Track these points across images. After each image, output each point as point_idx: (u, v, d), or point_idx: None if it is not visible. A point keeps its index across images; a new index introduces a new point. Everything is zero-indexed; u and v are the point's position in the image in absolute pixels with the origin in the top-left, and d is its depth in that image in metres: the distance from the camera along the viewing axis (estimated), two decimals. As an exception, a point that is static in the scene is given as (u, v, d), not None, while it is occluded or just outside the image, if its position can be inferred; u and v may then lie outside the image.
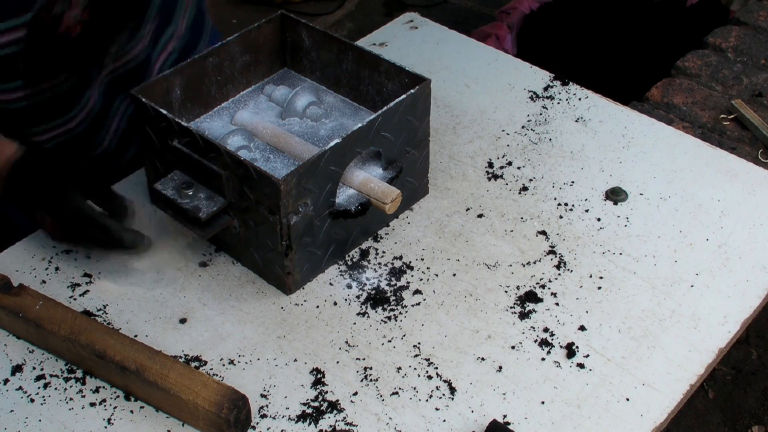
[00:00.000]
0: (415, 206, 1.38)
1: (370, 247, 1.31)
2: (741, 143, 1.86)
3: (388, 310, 1.22)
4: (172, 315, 1.22)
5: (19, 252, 1.31)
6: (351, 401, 1.12)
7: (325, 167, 1.18)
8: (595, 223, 1.34)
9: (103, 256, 1.28)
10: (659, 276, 1.26)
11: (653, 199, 1.38)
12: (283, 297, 1.24)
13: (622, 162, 1.44)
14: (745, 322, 1.21)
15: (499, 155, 1.46)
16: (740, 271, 1.27)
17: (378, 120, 1.23)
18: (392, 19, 1.79)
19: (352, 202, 1.27)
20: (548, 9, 2.83)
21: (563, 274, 1.27)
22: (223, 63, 1.37)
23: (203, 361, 1.16)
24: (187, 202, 1.19)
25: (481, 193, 1.40)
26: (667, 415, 1.10)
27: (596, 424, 1.09)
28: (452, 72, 1.64)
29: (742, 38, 2.13)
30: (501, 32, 2.68)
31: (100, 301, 1.24)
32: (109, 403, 1.12)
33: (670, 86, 2.02)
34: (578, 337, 1.18)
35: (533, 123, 1.52)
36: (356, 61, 1.38)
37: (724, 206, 1.37)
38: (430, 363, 1.16)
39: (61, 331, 1.13)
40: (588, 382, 1.13)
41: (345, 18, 3.81)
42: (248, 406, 1.08)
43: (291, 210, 1.16)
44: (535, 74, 1.63)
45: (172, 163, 1.24)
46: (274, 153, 1.34)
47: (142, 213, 1.33)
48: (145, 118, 1.25)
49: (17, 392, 1.13)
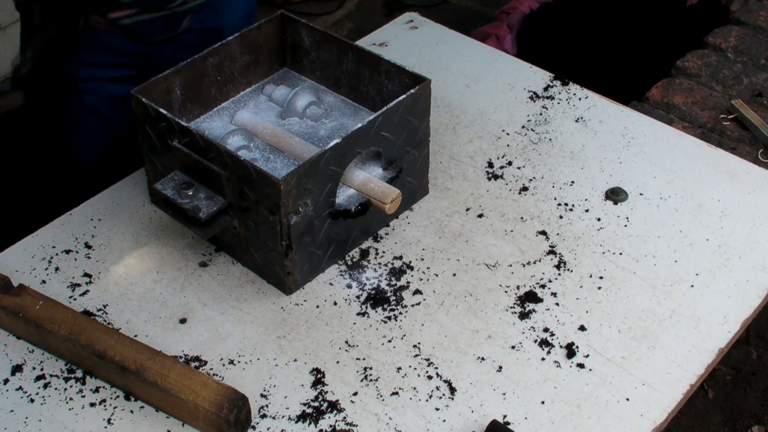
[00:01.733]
0: (415, 206, 1.38)
1: (370, 247, 1.31)
2: (741, 143, 1.86)
3: (388, 310, 1.22)
4: (172, 315, 1.22)
5: (19, 252, 1.31)
6: (351, 401, 1.11)
7: (325, 167, 1.18)
8: (595, 223, 1.34)
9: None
10: (659, 276, 1.26)
11: (653, 199, 1.38)
12: (283, 297, 1.24)
13: (622, 162, 1.44)
14: (745, 322, 1.21)
15: (499, 155, 1.46)
16: (740, 271, 1.27)
17: (378, 120, 1.23)
18: (392, 19, 1.79)
19: (352, 202, 1.27)
20: (548, 9, 2.83)
21: (563, 274, 1.27)
22: (223, 63, 1.37)
23: (203, 361, 1.16)
24: (187, 202, 1.19)
25: (481, 193, 1.40)
26: (667, 415, 1.10)
27: (596, 424, 1.09)
28: (452, 72, 1.64)
29: (742, 38, 2.13)
30: (501, 32, 2.68)
31: (100, 301, 1.24)
32: (109, 403, 1.12)
33: (670, 86, 2.02)
34: (578, 337, 1.18)
35: (533, 123, 1.52)
36: (356, 61, 1.38)
37: (724, 206, 1.37)
38: (430, 363, 1.16)
39: (61, 331, 1.13)
40: (588, 382, 1.13)
41: (345, 18, 3.81)
42: (248, 406, 1.08)
43: (291, 210, 1.16)
44: (535, 74, 1.63)
45: (172, 163, 1.24)
46: (274, 153, 1.34)
47: (142, 213, 1.33)
48: (145, 118, 1.25)
49: (17, 392, 1.13)
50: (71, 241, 1.32)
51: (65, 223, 1.35)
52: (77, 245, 1.32)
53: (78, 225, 1.35)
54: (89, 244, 1.32)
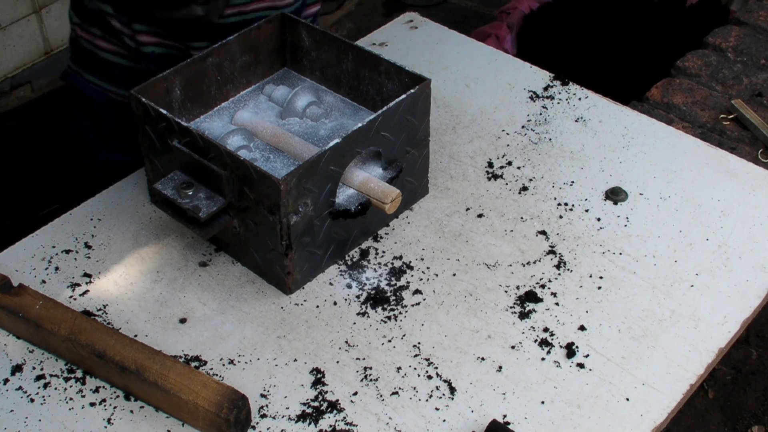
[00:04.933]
0: (415, 206, 1.38)
1: (370, 247, 1.31)
2: (741, 143, 1.86)
3: (388, 310, 1.22)
4: (172, 315, 1.22)
5: (19, 252, 1.31)
6: (351, 401, 1.12)
7: (325, 167, 1.18)
8: (595, 223, 1.34)
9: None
10: (659, 276, 1.26)
11: (653, 199, 1.38)
12: (283, 297, 1.24)
13: (622, 162, 1.44)
14: (745, 322, 1.21)
15: (499, 155, 1.46)
16: (740, 271, 1.27)
17: (378, 120, 1.23)
18: (392, 19, 1.79)
19: (352, 202, 1.27)
20: (548, 9, 2.83)
21: (563, 274, 1.27)
22: (223, 63, 1.37)
23: (203, 361, 1.16)
24: (187, 202, 1.19)
25: (481, 193, 1.40)
26: (667, 415, 1.10)
27: (596, 424, 1.09)
28: (452, 72, 1.64)
29: (742, 38, 2.13)
30: (501, 32, 2.68)
31: (100, 301, 1.24)
32: (109, 403, 1.12)
33: (670, 86, 2.02)
34: (578, 337, 1.18)
35: (533, 123, 1.52)
36: (356, 61, 1.38)
37: (724, 206, 1.37)
38: (430, 363, 1.16)
39: (61, 331, 1.13)
40: (588, 382, 1.13)
41: (345, 18, 3.81)
42: (248, 406, 1.08)
43: (291, 210, 1.16)
44: (535, 74, 1.63)
45: (172, 163, 1.24)
46: (274, 153, 1.34)
47: (142, 213, 1.33)
48: (145, 118, 1.25)
49: (17, 392, 1.13)
50: (71, 241, 1.32)
51: (65, 223, 1.35)
52: (77, 245, 1.32)
53: (78, 225, 1.35)
54: (89, 244, 1.32)
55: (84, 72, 1.57)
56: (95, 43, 1.53)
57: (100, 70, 1.55)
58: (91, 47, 1.54)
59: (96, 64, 1.55)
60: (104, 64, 1.54)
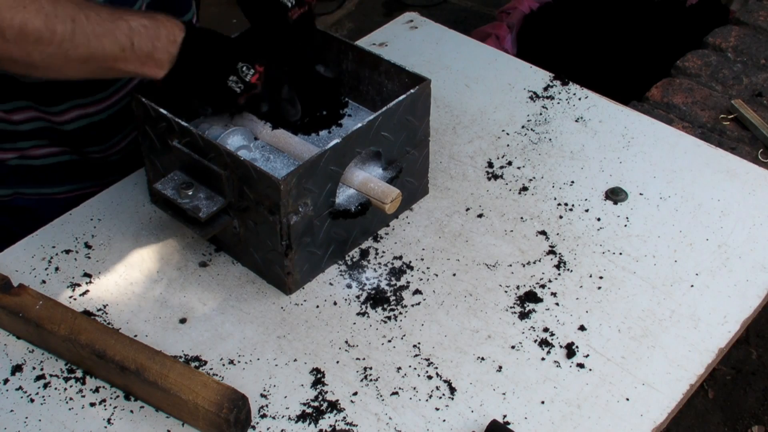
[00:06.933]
0: (415, 206, 1.38)
1: (370, 247, 1.31)
2: (741, 143, 1.86)
3: (388, 310, 1.22)
4: (172, 315, 1.22)
5: (19, 252, 1.31)
6: (351, 401, 1.12)
7: (325, 167, 1.18)
8: (595, 223, 1.34)
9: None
10: (659, 276, 1.26)
11: (653, 199, 1.38)
12: (283, 297, 1.24)
13: (622, 162, 1.44)
14: (745, 322, 1.21)
15: (499, 155, 1.46)
16: (740, 271, 1.27)
17: (378, 120, 1.23)
18: (392, 19, 1.79)
19: (352, 202, 1.27)
20: (548, 9, 2.83)
21: (563, 274, 1.27)
22: (223, 63, 1.37)
23: (203, 361, 1.16)
24: (187, 202, 1.19)
25: (481, 193, 1.40)
26: (667, 415, 1.10)
27: (596, 424, 1.09)
28: (452, 72, 1.64)
29: (742, 38, 2.13)
30: (501, 32, 2.68)
31: (100, 301, 1.24)
32: (109, 403, 1.12)
33: (670, 86, 2.02)
34: (578, 337, 1.18)
35: (533, 123, 1.52)
36: (356, 61, 1.38)
37: (724, 206, 1.37)
38: (430, 363, 1.16)
39: (61, 331, 1.13)
40: (588, 382, 1.13)
41: (345, 18, 3.81)
42: (248, 406, 1.08)
43: (291, 210, 1.16)
44: (535, 74, 1.63)
45: (172, 163, 1.24)
46: (274, 153, 1.34)
47: (142, 213, 1.33)
48: (145, 118, 1.25)
49: (17, 392, 1.13)
50: (71, 241, 1.32)
51: (65, 223, 1.35)
52: (77, 245, 1.32)
53: (78, 225, 1.35)
54: (89, 244, 1.32)
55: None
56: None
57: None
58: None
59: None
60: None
